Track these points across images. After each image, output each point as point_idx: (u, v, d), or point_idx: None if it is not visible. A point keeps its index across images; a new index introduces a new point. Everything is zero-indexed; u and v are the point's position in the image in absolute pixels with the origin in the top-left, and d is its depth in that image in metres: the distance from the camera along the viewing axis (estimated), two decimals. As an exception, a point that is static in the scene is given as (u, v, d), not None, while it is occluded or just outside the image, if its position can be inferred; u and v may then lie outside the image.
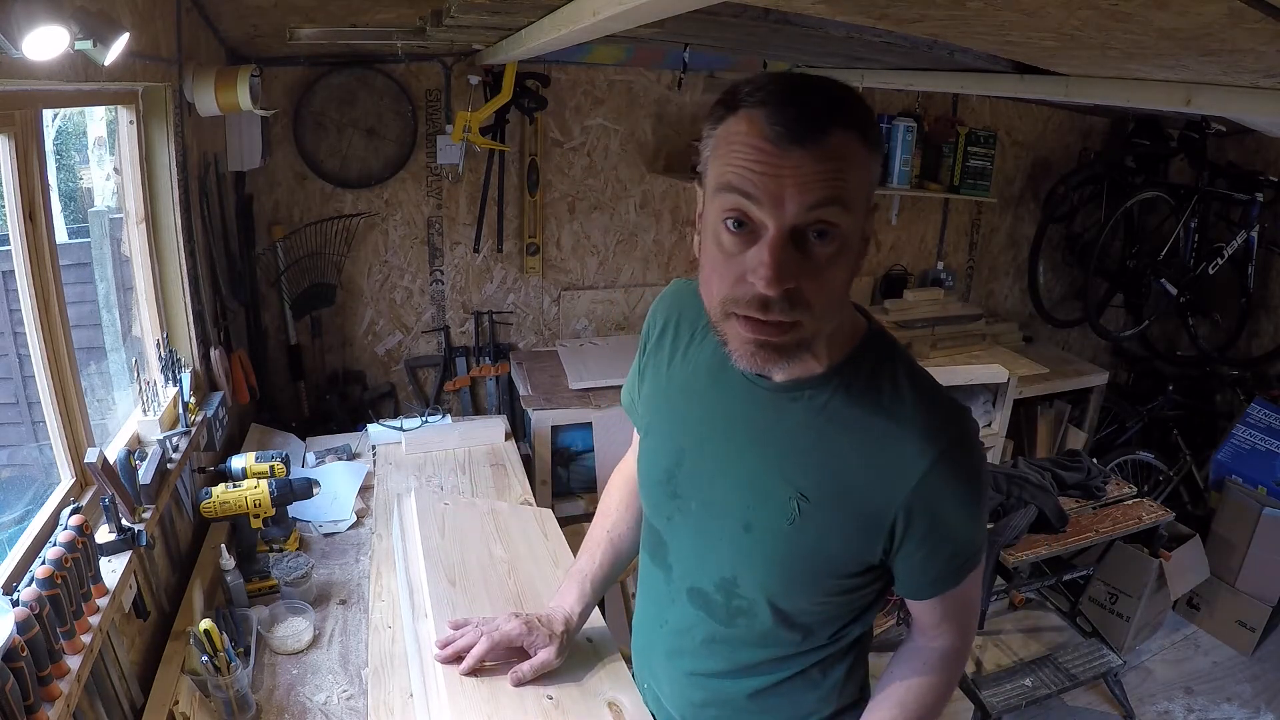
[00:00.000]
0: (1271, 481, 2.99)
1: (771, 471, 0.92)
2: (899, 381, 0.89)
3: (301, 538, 1.87)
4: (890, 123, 3.20)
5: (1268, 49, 0.93)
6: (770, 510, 0.92)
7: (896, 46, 1.71)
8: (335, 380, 2.99)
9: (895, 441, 0.86)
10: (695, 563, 1.02)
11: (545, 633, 1.14)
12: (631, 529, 1.23)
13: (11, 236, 1.27)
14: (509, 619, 1.16)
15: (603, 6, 1.10)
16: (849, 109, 0.77)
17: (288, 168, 2.73)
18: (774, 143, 0.74)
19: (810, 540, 0.91)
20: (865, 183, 0.79)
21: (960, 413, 0.90)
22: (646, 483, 1.08)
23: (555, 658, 1.14)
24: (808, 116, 0.74)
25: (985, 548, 0.96)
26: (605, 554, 1.23)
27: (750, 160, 0.75)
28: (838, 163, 0.75)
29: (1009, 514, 2.42)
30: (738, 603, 0.99)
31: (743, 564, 0.97)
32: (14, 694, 0.93)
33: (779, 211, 0.75)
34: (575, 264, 3.21)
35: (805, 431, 0.91)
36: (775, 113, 0.75)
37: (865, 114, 0.78)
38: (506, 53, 2.16)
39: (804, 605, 0.97)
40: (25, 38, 0.96)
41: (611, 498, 1.28)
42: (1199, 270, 3.47)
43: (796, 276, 0.77)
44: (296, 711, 1.37)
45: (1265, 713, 2.67)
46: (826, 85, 0.79)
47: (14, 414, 1.69)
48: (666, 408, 1.05)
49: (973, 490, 0.89)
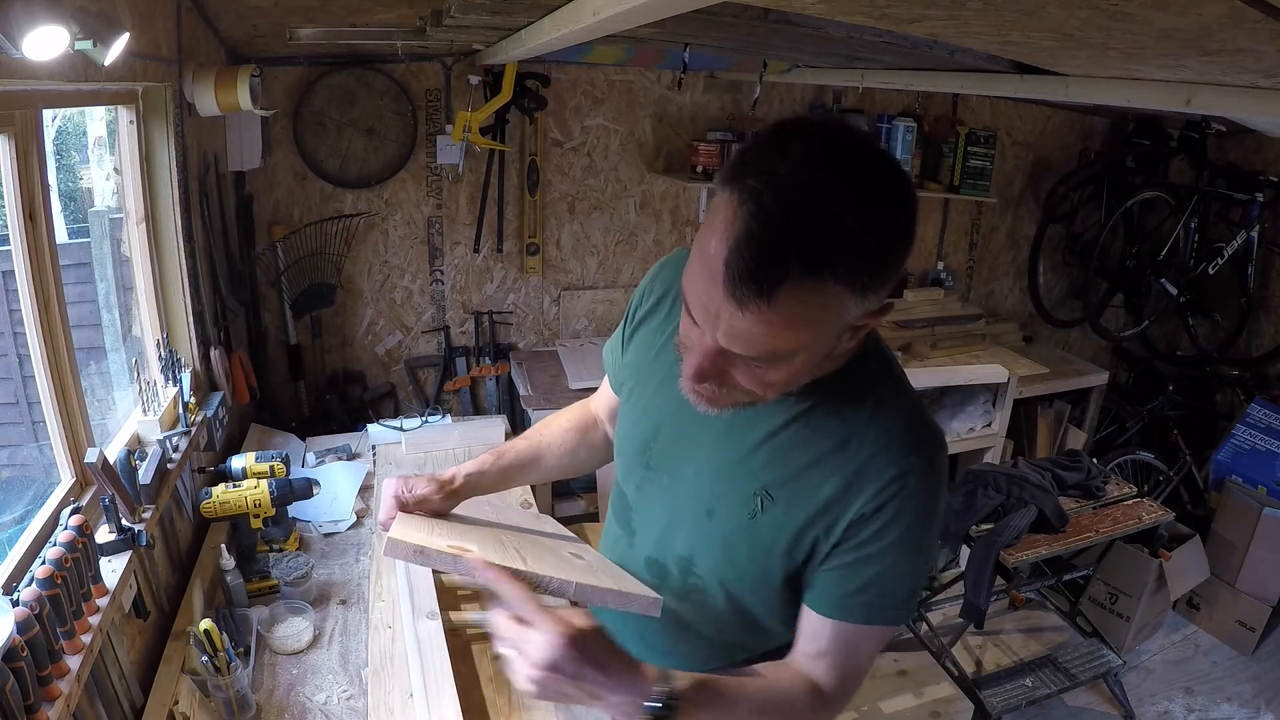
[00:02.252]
0: (1271, 481, 2.99)
1: (741, 465, 0.93)
2: (884, 398, 0.89)
3: (301, 538, 1.87)
4: (890, 123, 3.21)
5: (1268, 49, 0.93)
6: (734, 502, 0.93)
7: (896, 46, 1.71)
8: (335, 380, 2.99)
9: (868, 450, 0.86)
10: (657, 534, 1.04)
11: (429, 477, 1.13)
12: (558, 456, 1.26)
13: (11, 236, 1.27)
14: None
15: (603, 6, 1.10)
16: (830, 251, 0.69)
17: (288, 168, 2.73)
18: (724, 286, 0.70)
19: (767, 536, 0.91)
20: (828, 323, 0.75)
21: (937, 440, 0.89)
22: (622, 448, 1.10)
23: (436, 495, 1.11)
24: (764, 269, 0.68)
25: (907, 608, 0.91)
26: (523, 452, 1.24)
27: (699, 280, 0.73)
28: (782, 323, 0.71)
29: (1009, 514, 2.42)
30: (693, 580, 1.00)
31: (700, 547, 0.98)
32: (14, 694, 0.93)
33: (709, 333, 0.75)
34: (575, 264, 3.21)
35: (781, 433, 0.91)
36: (735, 248, 0.69)
37: (859, 251, 0.70)
38: (506, 53, 2.16)
39: (755, 598, 0.97)
40: (25, 38, 0.96)
41: (558, 421, 1.29)
42: (1199, 270, 3.46)
43: (722, 375, 0.79)
44: (296, 711, 1.37)
45: (1265, 713, 2.67)
46: (816, 199, 0.68)
47: (14, 414, 1.69)
48: (652, 378, 1.05)
49: (925, 517, 0.87)
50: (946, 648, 2.60)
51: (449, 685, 1.30)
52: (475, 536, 1.02)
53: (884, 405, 0.88)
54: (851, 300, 0.73)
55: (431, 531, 1.00)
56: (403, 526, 0.99)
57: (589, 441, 1.28)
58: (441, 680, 1.31)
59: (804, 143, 0.72)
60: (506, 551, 0.96)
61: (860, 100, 3.25)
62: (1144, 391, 3.79)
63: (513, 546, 1.01)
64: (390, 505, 1.09)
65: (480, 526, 1.11)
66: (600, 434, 1.28)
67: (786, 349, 0.75)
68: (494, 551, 0.94)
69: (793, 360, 0.77)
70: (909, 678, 2.77)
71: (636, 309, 1.11)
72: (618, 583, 0.98)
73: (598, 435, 1.28)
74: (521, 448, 1.25)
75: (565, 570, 0.95)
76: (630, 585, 0.99)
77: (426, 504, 1.10)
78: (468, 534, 1.03)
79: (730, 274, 0.69)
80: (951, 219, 3.68)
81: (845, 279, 0.70)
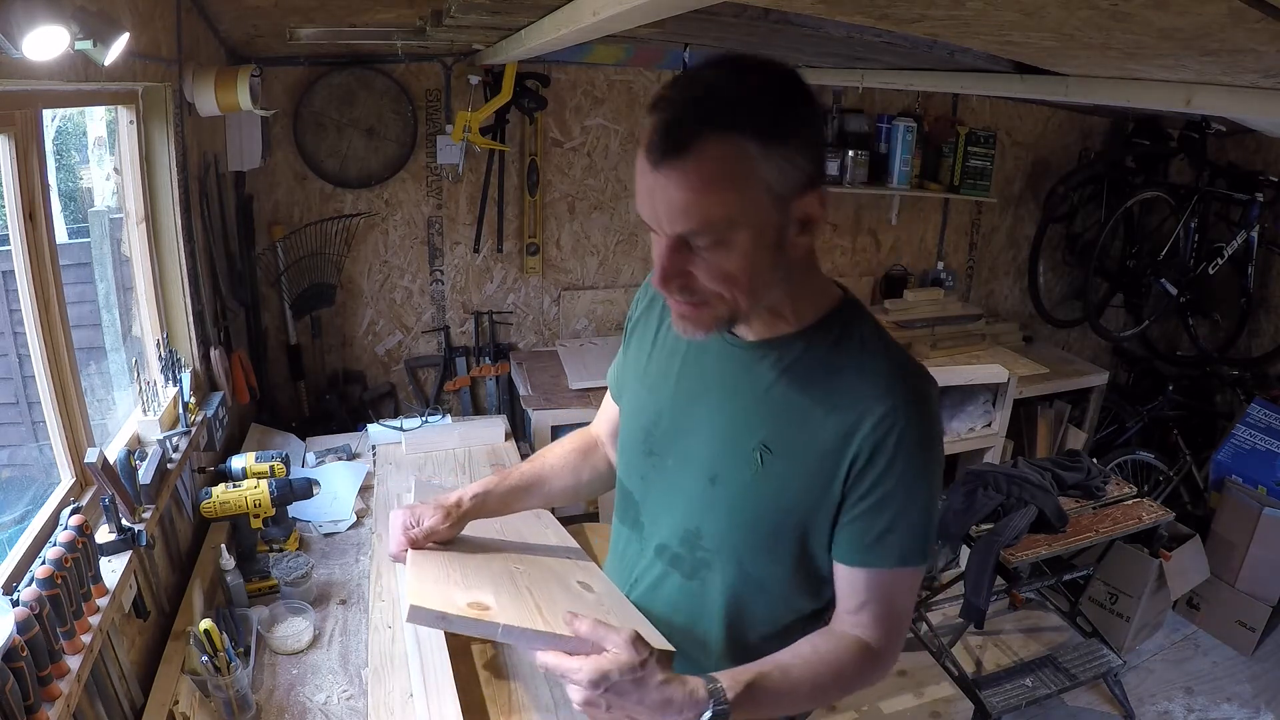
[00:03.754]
0: (1271, 481, 2.99)
1: (738, 424, 0.96)
2: (866, 342, 0.93)
3: (301, 538, 1.87)
4: (890, 123, 3.21)
5: (1268, 49, 0.93)
6: (735, 462, 0.96)
7: (896, 46, 1.71)
8: (335, 380, 2.99)
9: (858, 390, 0.89)
10: (664, 519, 1.05)
11: (434, 505, 1.15)
12: (562, 478, 1.27)
13: (11, 236, 1.27)
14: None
15: (603, 6, 1.10)
16: (723, 103, 0.77)
17: (288, 168, 2.73)
18: (649, 162, 0.79)
19: (771, 491, 0.94)
20: (756, 183, 0.79)
21: (924, 374, 0.93)
22: (625, 445, 1.12)
23: (441, 524, 1.12)
24: (673, 131, 0.76)
25: (929, 545, 0.94)
26: (527, 474, 1.26)
27: (639, 182, 0.82)
28: (700, 185, 0.77)
29: (1009, 514, 2.42)
30: (700, 554, 1.01)
31: (706, 516, 1.00)
32: (14, 694, 0.93)
33: (659, 227, 0.82)
34: (575, 264, 3.21)
35: (773, 386, 0.94)
36: (653, 125, 0.78)
37: (752, 99, 0.77)
38: (506, 53, 2.16)
39: (763, 564, 0.98)
40: (25, 38, 0.96)
41: (560, 445, 1.32)
42: (1199, 270, 3.46)
43: (684, 273, 0.84)
44: (296, 711, 1.37)
45: (1265, 713, 2.67)
46: (713, 80, 0.79)
47: (14, 414, 1.69)
48: (652, 371, 1.09)
49: (928, 448, 0.90)
50: (946, 648, 2.60)
51: (449, 685, 1.30)
52: (489, 575, 1.06)
53: (866, 349, 0.93)
54: (764, 158, 0.78)
55: (446, 575, 1.03)
56: (418, 574, 1.02)
57: (591, 464, 1.30)
58: (441, 680, 1.31)
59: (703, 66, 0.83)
60: (521, 596, 1.00)
61: (860, 100, 3.25)
62: (1144, 391, 3.79)
63: (525, 585, 1.04)
64: (400, 540, 1.11)
65: (490, 555, 1.14)
66: (602, 456, 1.31)
67: (720, 215, 0.79)
68: (509, 599, 0.98)
69: (736, 237, 0.81)
70: (909, 678, 2.77)
71: (631, 321, 1.17)
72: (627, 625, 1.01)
73: (599, 458, 1.30)
74: (526, 470, 1.27)
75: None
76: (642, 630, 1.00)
77: (435, 535, 1.12)
78: (481, 572, 1.06)
79: (652, 151, 0.78)
80: (951, 219, 3.68)
81: (750, 131, 0.76)
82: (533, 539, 1.31)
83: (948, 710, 2.64)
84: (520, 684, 1.39)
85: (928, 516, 0.92)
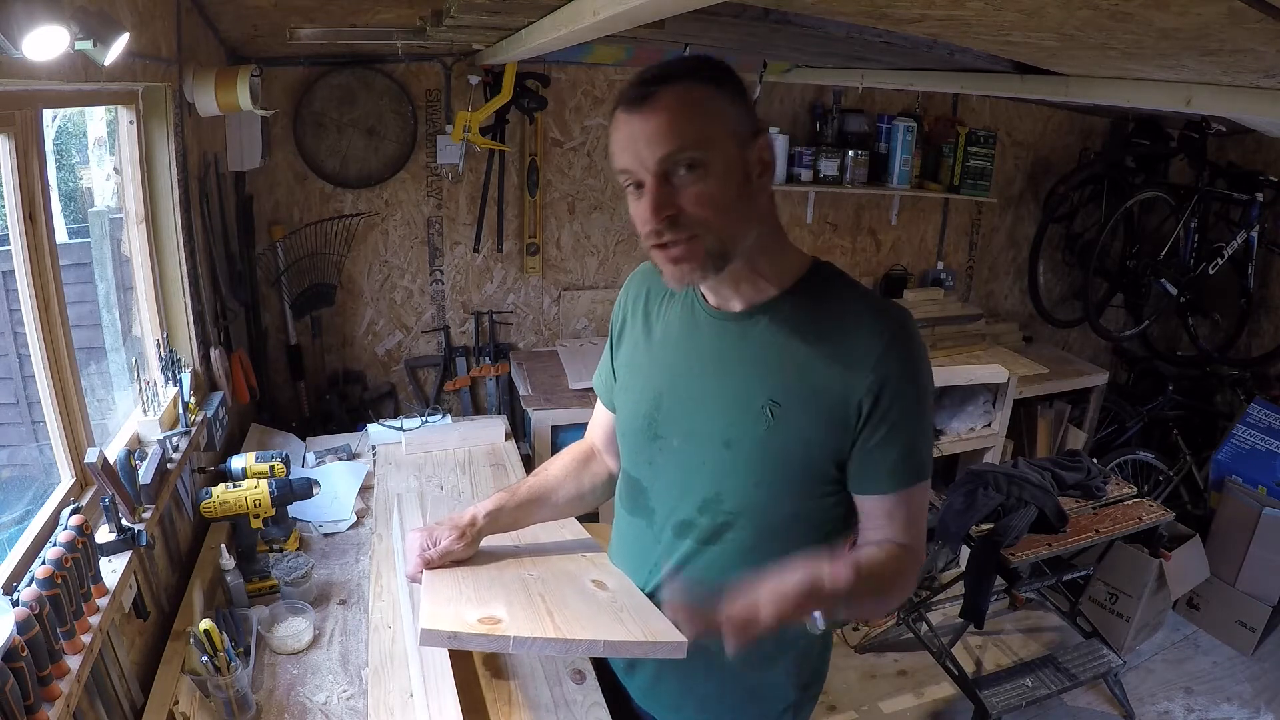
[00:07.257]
0: (1271, 481, 2.99)
1: (743, 387, 1.03)
2: (845, 293, 1.03)
3: (301, 538, 1.87)
4: (890, 123, 3.21)
5: (1268, 49, 0.94)
6: (747, 422, 1.02)
7: (896, 46, 1.71)
8: (335, 380, 2.99)
9: (852, 334, 0.98)
10: (678, 496, 1.10)
11: (449, 525, 1.20)
12: (566, 488, 1.32)
13: (11, 236, 1.26)
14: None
15: (603, 6, 1.11)
16: (681, 67, 0.93)
17: (288, 168, 2.73)
18: (624, 115, 0.93)
19: (785, 441, 1.00)
20: (718, 116, 0.92)
21: (901, 308, 1.03)
22: (626, 434, 1.17)
23: (457, 544, 1.18)
24: (640, 86, 0.92)
25: (931, 460, 1.05)
26: (535, 488, 1.31)
27: (618, 137, 0.94)
28: (674, 111, 0.90)
29: (1009, 514, 2.42)
30: (722, 519, 1.06)
31: (725, 479, 1.05)
32: (14, 694, 0.93)
33: (644, 164, 0.92)
34: (575, 264, 3.21)
35: (770, 346, 1.02)
36: (623, 96, 0.94)
37: (701, 66, 0.94)
38: (506, 53, 2.15)
39: (782, 510, 1.04)
40: (25, 38, 0.96)
41: (560, 459, 1.36)
42: (1199, 270, 3.47)
43: (673, 205, 0.92)
44: (296, 711, 1.37)
45: (1265, 713, 2.67)
46: (669, 61, 0.95)
47: (14, 414, 1.69)
48: (646, 362, 1.15)
49: (922, 373, 0.99)
50: (946, 648, 2.60)
51: (449, 685, 1.30)
52: (501, 585, 1.09)
53: (847, 297, 1.02)
54: (722, 98, 0.93)
55: (459, 592, 1.07)
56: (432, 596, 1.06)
57: (591, 472, 1.34)
58: (441, 680, 1.31)
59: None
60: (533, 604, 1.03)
61: (860, 100, 3.25)
62: (1144, 391, 3.79)
63: (537, 592, 1.07)
64: (416, 563, 1.16)
65: (504, 564, 1.17)
66: (600, 464, 1.34)
67: (694, 134, 0.90)
68: (521, 608, 1.01)
69: (711, 160, 0.91)
70: (909, 678, 2.77)
71: (619, 322, 1.23)
72: (643, 623, 1.04)
73: (598, 466, 1.34)
74: (533, 483, 1.32)
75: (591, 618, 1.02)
76: (655, 624, 1.04)
77: (450, 555, 1.17)
78: (494, 583, 1.09)
79: (628, 100, 0.93)
80: (951, 219, 3.67)
81: (709, 81, 0.93)
82: (547, 539, 1.33)
83: (948, 710, 2.64)
84: (520, 684, 1.39)
85: (930, 431, 1.04)
